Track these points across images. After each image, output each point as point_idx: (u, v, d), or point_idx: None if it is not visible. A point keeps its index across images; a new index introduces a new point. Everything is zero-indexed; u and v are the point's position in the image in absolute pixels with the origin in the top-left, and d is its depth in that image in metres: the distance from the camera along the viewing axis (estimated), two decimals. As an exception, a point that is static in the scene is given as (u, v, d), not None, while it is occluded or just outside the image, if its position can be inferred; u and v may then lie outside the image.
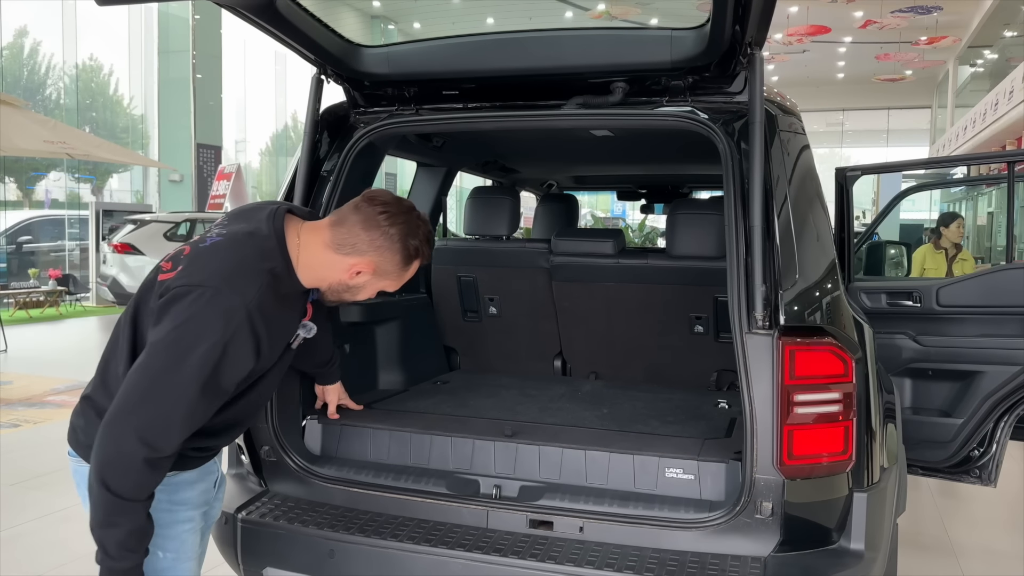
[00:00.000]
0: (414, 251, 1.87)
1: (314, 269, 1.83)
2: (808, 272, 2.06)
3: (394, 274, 1.90)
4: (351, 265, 1.83)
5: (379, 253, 1.84)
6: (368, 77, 2.49)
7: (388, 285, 1.93)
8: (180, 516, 1.85)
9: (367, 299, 1.97)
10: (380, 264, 1.85)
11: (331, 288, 1.88)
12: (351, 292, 1.90)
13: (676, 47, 2.19)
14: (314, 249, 1.83)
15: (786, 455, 1.95)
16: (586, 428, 2.52)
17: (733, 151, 2.18)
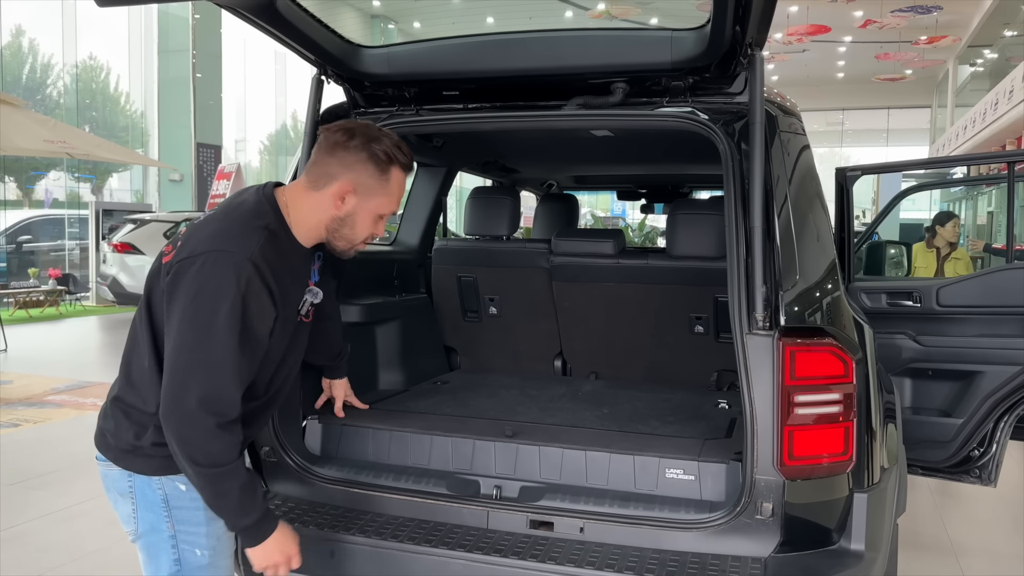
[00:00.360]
0: (384, 155, 1.82)
1: (306, 220, 1.83)
2: (808, 272, 2.06)
3: (377, 187, 1.84)
4: (332, 195, 1.81)
5: (351, 169, 1.81)
6: (368, 77, 2.49)
7: (381, 204, 1.86)
8: (214, 513, 1.82)
9: (374, 237, 1.92)
10: (358, 180, 1.82)
11: (330, 232, 1.86)
12: (349, 226, 1.85)
13: (676, 48, 2.19)
14: (299, 201, 1.84)
15: (786, 456, 1.95)
16: (586, 428, 2.53)
17: (733, 151, 2.18)
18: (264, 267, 1.70)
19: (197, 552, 1.82)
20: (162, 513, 1.81)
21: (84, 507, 4.20)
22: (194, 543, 1.82)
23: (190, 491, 1.77)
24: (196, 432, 1.66)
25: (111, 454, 1.83)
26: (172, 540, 1.81)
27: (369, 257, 3.38)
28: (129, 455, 1.80)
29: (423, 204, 3.80)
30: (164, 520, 1.81)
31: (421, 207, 3.81)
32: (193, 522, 1.81)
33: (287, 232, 1.82)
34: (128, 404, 1.80)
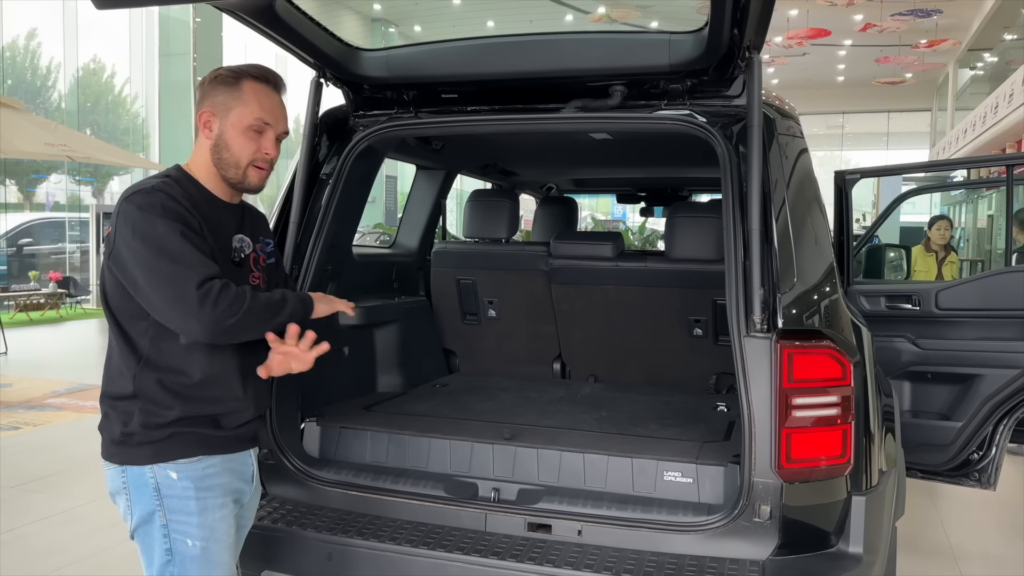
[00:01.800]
0: (228, 72, 1.89)
1: (202, 168, 1.90)
2: (806, 275, 2.06)
3: (231, 100, 1.87)
4: (201, 127, 1.89)
5: (206, 98, 1.89)
6: (367, 80, 2.50)
7: (241, 114, 1.86)
8: (209, 503, 1.84)
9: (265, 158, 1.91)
10: (213, 103, 1.87)
11: (218, 167, 1.89)
12: (227, 149, 1.87)
13: (674, 51, 2.19)
14: (193, 157, 1.93)
15: (784, 458, 1.95)
16: (585, 431, 2.53)
17: (731, 154, 2.19)
18: (172, 193, 1.77)
19: (188, 542, 1.82)
20: (154, 502, 1.80)
21: (84, 510, 4.20)
22: (185, 533, 1.81)
23: (181, 479, 1.79)
24: (218, 311, 1.69)
25: (106, 452, 1.85)
26: (164, 530, 1.81)
27: (368, 260, 3.38)
28: (121, 447, 1.81)
29: (422, 207, 3.80)
30: (156, 510, 1.81)
31: (420, 210, 3.81)
32: (184, 511, 1.80)
33: (194, 182, 1.88)
34: (112, 396, 1.83)
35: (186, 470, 1.80)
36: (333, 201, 2.54)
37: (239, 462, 1.93)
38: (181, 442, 1.81)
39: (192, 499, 1.81)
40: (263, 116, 1.89)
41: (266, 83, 1.92)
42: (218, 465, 1.87)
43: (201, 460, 1.83)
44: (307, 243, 2.51)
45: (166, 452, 1.79)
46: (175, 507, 1.81)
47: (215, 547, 1.85)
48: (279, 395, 2.41)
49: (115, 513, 1.92)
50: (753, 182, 2.03)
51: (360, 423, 2.54)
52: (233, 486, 1.91)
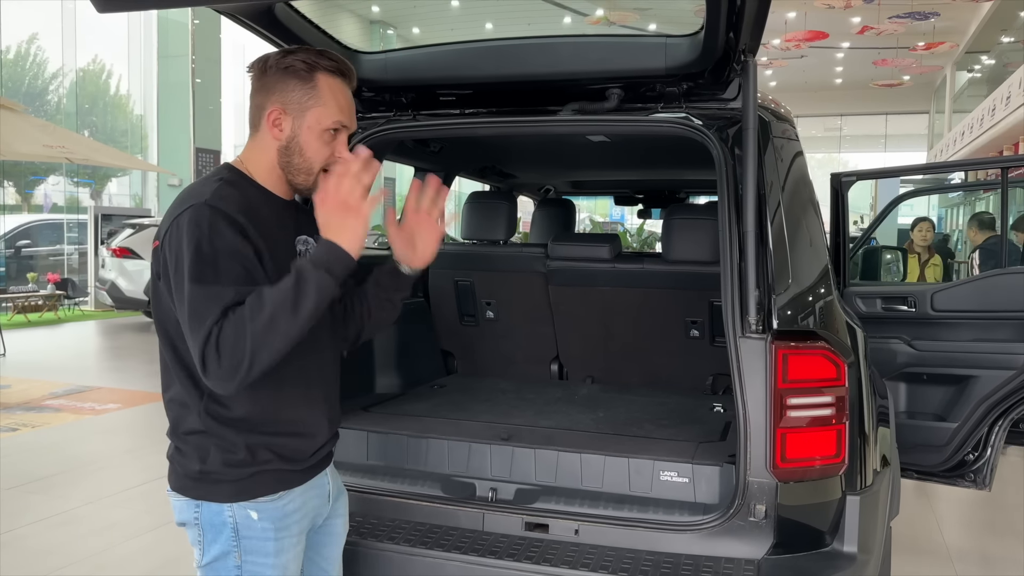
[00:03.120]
0: (301, 64, 1.66)
1: (262, 165, 1.70)
2: (801, 277, 2.08)
3: (307, 99, 1.66)
4: (268, 126, 1.67)
5: (274, 91, 1.67)
6: (365, 83, 2.51)
7: (320, 115, 1.67)
8: (286, 544, 1.72)
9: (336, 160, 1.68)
10: (284, 99, 1.66)
11: (284, 169, 1.70)
12: (298, 153, 1.68)
13: (671, 54, 2.21)
14: (249, 153, 1.73)
15: (779, 458, 1.97)
16: (582, 431, 2.54)
17: (727, 157, 2.20)
18: (225, 205, 1.56)
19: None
20: (231, 543, 1.68)
21: (83, 511, 4.21)
22: (259, 574, 1.70)
23: (262, 520, 1.67)
24: (224, 363, 1.49)
25: (179, 484, 1.70)
26: (238, 570, 1.69)
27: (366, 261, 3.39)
28: (197, 483, 1.67)
29: None
30: (232, 551, 1.68)
31: None
32: (261, 552, 1.68)
33: (248, 181, 1.69)
34: (182, 431, 1.68)
35: (267, 510, 1.68)
36: None
37: (316, 485, 1.80)
38: (262, 481, 1.67)
39: (271, 540, 1.69)
40: (341, 118, 1.70)
41: (342, 77, 1.71)
42: (298, 498, 1.74)
43: (282, 497, 1.70)
44: None
45: (247, 491, 1.66)
46: (252, 548, 1.68)
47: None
48: None
49: (114, 514, 1.93)
50: (748, 184, 2.05)
51: (358, 424, 2.55)
52: (311, 514, 1.80)
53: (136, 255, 11.58)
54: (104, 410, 6.65)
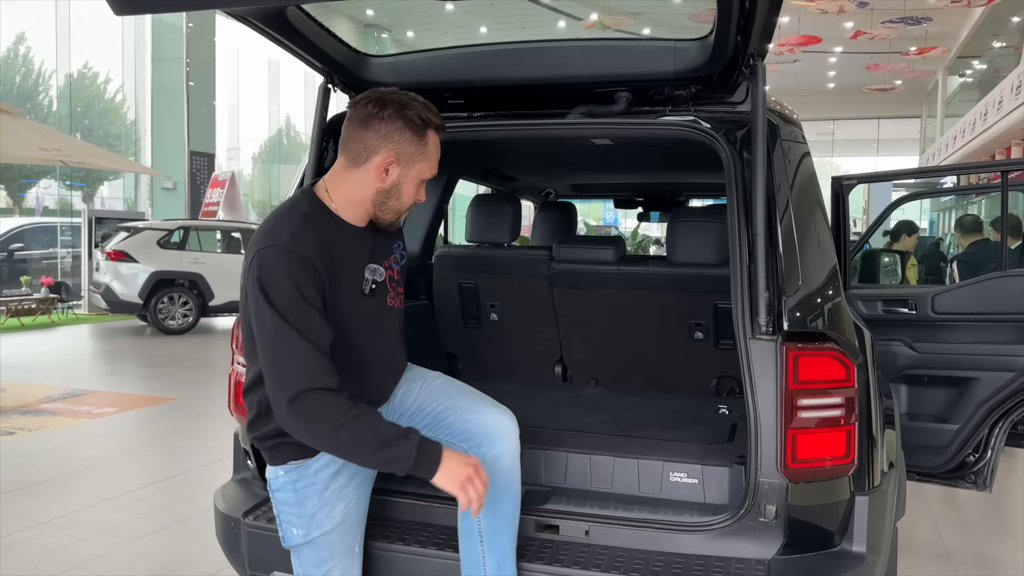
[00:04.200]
0: (418, 119, 1.84)
1: (351, 198, 1.88)
2: (810, 278, 2.09)
3: (417, 154, 1.87)
4: (375, 168, 1.85)
5: (390, 140, 1.83)
6: (374, 86, 2.51)
7: (423, 169, 1.89)
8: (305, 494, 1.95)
9: (418, 202, 1.95)
10: (399, 150, 1.84)
11: (377, 206, 1.89)
12: (395, 197, 1.89)
13: (680, 58, 2.22)
14: (340, 182, 1.89)
15: (790, 459, 1.98)
16: (589, 433, 2.55)
17: (736, 160, 2.22)
18: (303, 247, 1.75)
19: (294, 531, 1.95)
20: (273, 499, 1.98)
21: (81, 515, 4.19)
22: (290, 523, 1.95)
23: (287, 475, 1.91)
24: (302, 421, 1.71)
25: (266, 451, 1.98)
26: (277, 520, 1.98)
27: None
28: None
29: (424, 211, 3.82)
30: (273, 506, 1.99)
31: (422, 214, 3.83)
32: (286, 503, 1.93)
33: (328, 214, 1.87)
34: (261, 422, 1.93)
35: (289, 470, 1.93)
36: None
37: None
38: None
39: (292, 492, 1.93)
40: (436, 171, 1.94)
41: (442, 133, 1.93)
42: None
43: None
44: None
45: (279, 456, 1.93)
46: (280, 500, 1.96)
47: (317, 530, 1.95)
48: None
49: (113, 518, 1.96)
50: (757, 187, 2.06)
51: None
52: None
53: (131, 258, 11.54)
54: (101, 414, 6.62)
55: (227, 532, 2.34)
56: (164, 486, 4.76)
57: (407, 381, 2.16)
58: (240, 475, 2.59)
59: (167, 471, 5.05)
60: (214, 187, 16.31)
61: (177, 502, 4.42)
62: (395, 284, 2.05)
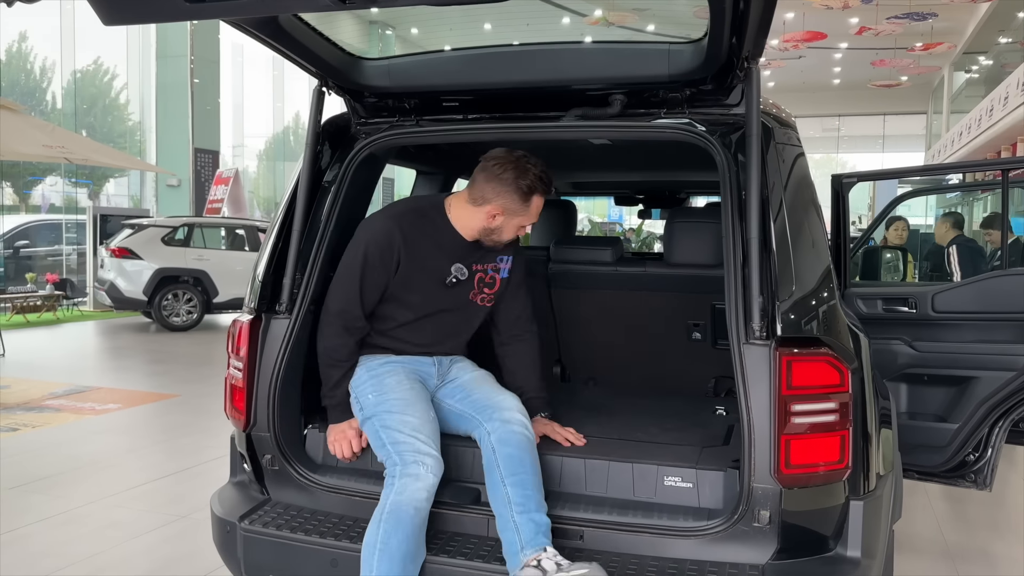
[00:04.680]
0: (527, 188, 2.36)
1: (464, 221, 2.44)
2: (804, 283, 2.09)
3: (521, 211, 2.40)
4: (487, 212, 2.39)
5: (501, 197, 2.36)
6: (369, 90, 2.52)
7: (524, 220, 2.43)
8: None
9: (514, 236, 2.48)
10: (506, 205, 2.37)
11: (483, 235, 2.44)
12: (497, 233, 2.43)
13: (674, 61, 2.22)
14: (459, 207, 2.45)
15: (783, 464, 1.97)
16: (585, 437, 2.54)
17: (730, 162, 2.21)
18: (401, 224, 2.39)
19: (369, 396, 2.41)
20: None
21: (83, 511, 4.22)
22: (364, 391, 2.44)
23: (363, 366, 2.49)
24: (326, 329, 2.42)
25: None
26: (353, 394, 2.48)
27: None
28: None
29: None
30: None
31: None
32: (359, 380, 2.47)
33: (443, 218, 2.45)
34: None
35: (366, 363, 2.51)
36: (335, 208, 2.57)
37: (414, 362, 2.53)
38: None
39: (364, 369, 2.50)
40: (534, 220, 2.47)
41: (546, 194, 2.42)
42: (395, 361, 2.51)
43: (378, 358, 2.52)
44: (310, 250, 2.53)
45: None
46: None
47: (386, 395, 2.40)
48: (281, 403, 2.43)
49: (115, 514, 1.97)
50: (752, 191, 2.05)
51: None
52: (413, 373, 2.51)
53: (135, 255, 11.57)
54: (105, 410, 6.65)
55: (223, 536, 2.35)
56: (166, 482, 4.78)
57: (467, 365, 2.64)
58: (237, 478, 2.60)
59: (169, 467, 5.08)
60: (218, 184, 16.33)
61: (179, 498, 4.44)
62: (483, 286, 2.54)
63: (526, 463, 2.22)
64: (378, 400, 2.38)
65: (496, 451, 2.24)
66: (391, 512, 2.11)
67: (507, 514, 2.13)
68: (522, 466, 2.21)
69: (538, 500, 2.16)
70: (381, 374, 2.44)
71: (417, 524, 2.11)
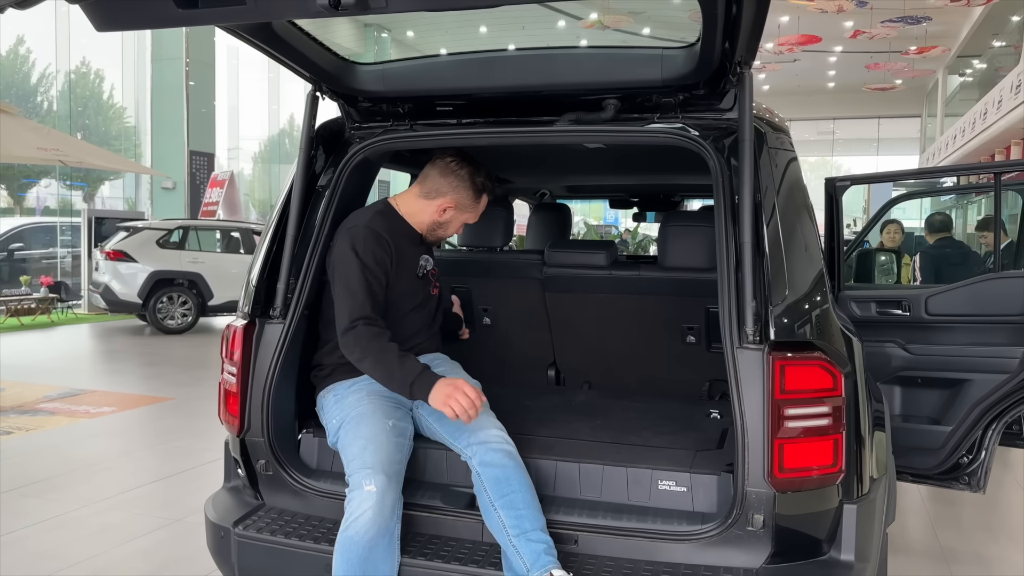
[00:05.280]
0: (481, 185, 2.53)
1: (414, 215, 2.54)
2: (797, 286, 2.10)
3: (471, 207, 2.56)
4: (439, 205, 2.52)
5: (456, 191, 2.51)
6: (363, 94, 2.52)
7: (469, 218, 2.59)
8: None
9: (453, 233, 2.65)
10: (459, 200, 2.52)
11: (428, 230, 2.56)
12: (443, 228, 2.57)
13: (667, 66, 2.22)
14: (410, 202, 2.55)
15: (777, 468, 1.98)
16: (580, 440, 2.55)
17: (723, 167, 2.22)
18: (377, 227, 2.42)
19: (334, 420, 2.39)
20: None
21: (78, 514, 4.21)
22: (331, 416, 2.43)
23: (331, 394, 2.46)
24: (353, 345, 2.29)
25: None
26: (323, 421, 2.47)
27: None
28: None
29: None
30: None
31: None
32: (328, 407, 2.45)
33: (397, 215, 2.54)
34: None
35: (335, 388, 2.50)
36: (329, 213, 2.57)
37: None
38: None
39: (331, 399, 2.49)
40: (476, 220, 2.64)
41: (491, 196, 2.63)
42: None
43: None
44: (304, 255, 2.53)
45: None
46: (322, 405, 2.53)
47: (350, 424, 2.35)
48: (276, 408, 2.43)
49: (110, 517, 1.97)
50: (745, 195, 2.06)
51: None
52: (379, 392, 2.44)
53: (130, 258, 11.53)
54: (99, 413, 6.63)
55: (217, 541, 2.35)
56: (161, 485, 4.77)
57: (451, 367, 2.65)
58: (231, 483, 2.60)
59: (164, 470, 5.07)
60: (213, 187, 16.29)
61: (173, 501, 4.43)
62: (435, 277, 2.68)
63: (512, 481, 2.18)
64: (339, 421, 2.37)
65: (481, 475, 2.21)
66: (339, 545, 2.11)
67: (505, 540, 2.11)
68: (508, 485, 2.17)
69: (533, 518, 2.13)
70: (345, 395, 2.43)
71: (362, 551, 2.08)
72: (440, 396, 2.19)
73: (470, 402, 2.18)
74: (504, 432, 2.32)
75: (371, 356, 2.28)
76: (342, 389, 2.45)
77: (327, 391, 2.48)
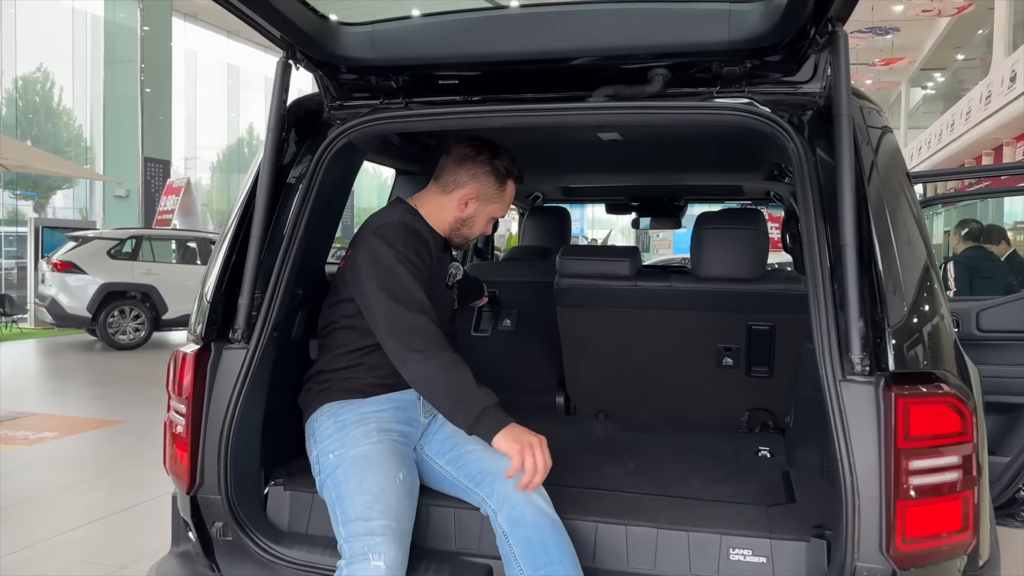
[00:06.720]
0: (504, 170, 2.15)
1: (435, 216, 2.16)
2: (911, 298, 1.65)
3: (495, 196, 2.17)
4: (459, 198, 2.14)
5: (476, 180, 2.13)
6: (347, 62, 2.02)
7: (495, 209, 2.21)
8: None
9: (483, 235, 2.30)
10: (481, 189, 2.14)
11: (452, 230, 2.18)
12: (468, 225, 2.19)
13: (736, 24, 1.76)
14: (428, 202, 2.17)
15: (900, 539, 1.52)
16: (617, 492, 2.06)
17: (807, 151, 1.78)
18: (414, 225, 2.08)
19: (331, 456, 1.94)
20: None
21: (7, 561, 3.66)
22: (326, 448, 1.96)
23: (331, 417, 1.99)
24: (409, 355, 1.85)
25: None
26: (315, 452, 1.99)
27: None
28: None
29: None
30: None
31: None
32: (324, 432, 1.98)
33: (420, 218, 2.15)
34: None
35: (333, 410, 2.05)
36: (304, 211, 2.07)
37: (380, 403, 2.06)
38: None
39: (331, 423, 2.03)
40: (505, 212, 2.28)
41: (518, 183, 2.23)
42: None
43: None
44: (272, 263, 2.02)
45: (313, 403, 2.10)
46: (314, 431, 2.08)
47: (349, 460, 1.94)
48: (236, 456, 1.91)
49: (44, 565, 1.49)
50: (845, 186, 1.62)
51: None
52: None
53: (79, 269, 11.08)
54: (39, 439, 6.05)
55: None
56: (105, 524, 4.23)
57: None
58: (180, 548, 2.09)
59: (110, 506, 4.52)
60: (168, 194, 15.78)
61: (119, 544, 3.90)
62: (458, 288, 2.39)
63: (550, 548, 1.74)
64: (338, 459, 1.92)
65: (509, 536, 1.78)
66: None
67: None
68: (546, 553, 1.73)
69: None
70: (347, 423, 1.97)
71: None
72: (515, 442, 1.75)
73: (545, 464, 1.76)
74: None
75: (439, 358, 1.83)
76: (348, 412, 1.98)
77: (325, 411, 2.00)
